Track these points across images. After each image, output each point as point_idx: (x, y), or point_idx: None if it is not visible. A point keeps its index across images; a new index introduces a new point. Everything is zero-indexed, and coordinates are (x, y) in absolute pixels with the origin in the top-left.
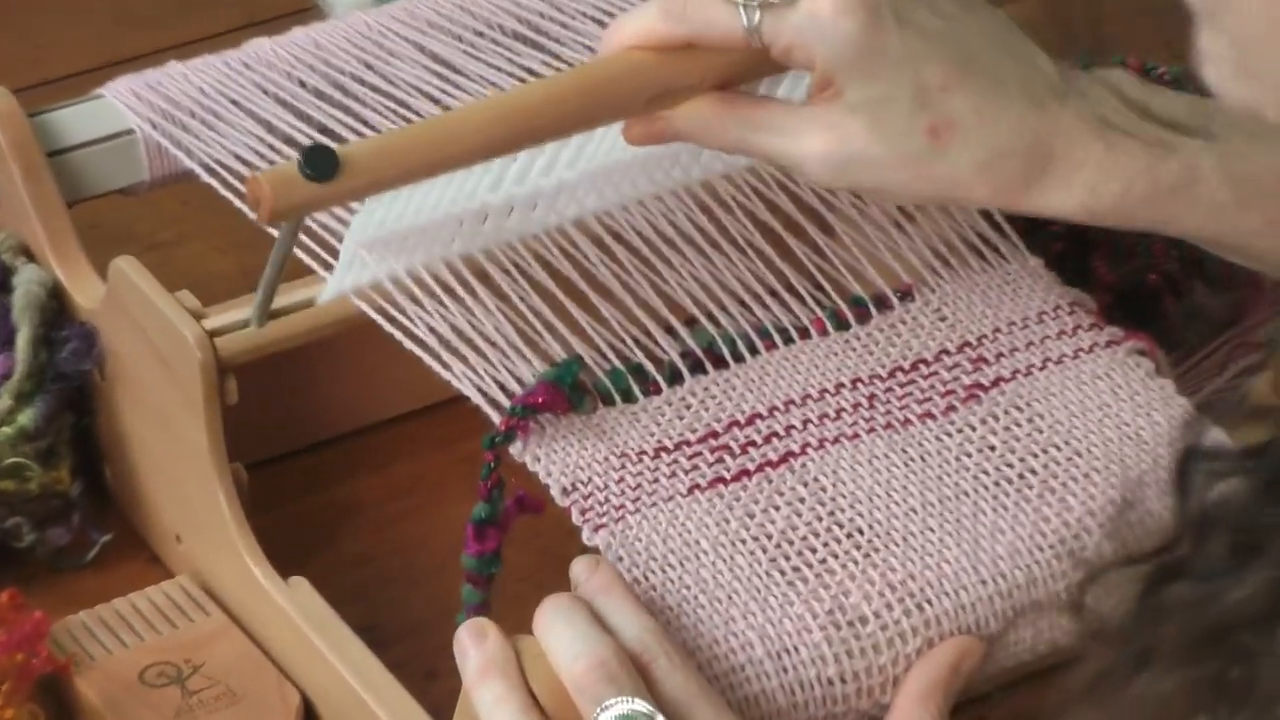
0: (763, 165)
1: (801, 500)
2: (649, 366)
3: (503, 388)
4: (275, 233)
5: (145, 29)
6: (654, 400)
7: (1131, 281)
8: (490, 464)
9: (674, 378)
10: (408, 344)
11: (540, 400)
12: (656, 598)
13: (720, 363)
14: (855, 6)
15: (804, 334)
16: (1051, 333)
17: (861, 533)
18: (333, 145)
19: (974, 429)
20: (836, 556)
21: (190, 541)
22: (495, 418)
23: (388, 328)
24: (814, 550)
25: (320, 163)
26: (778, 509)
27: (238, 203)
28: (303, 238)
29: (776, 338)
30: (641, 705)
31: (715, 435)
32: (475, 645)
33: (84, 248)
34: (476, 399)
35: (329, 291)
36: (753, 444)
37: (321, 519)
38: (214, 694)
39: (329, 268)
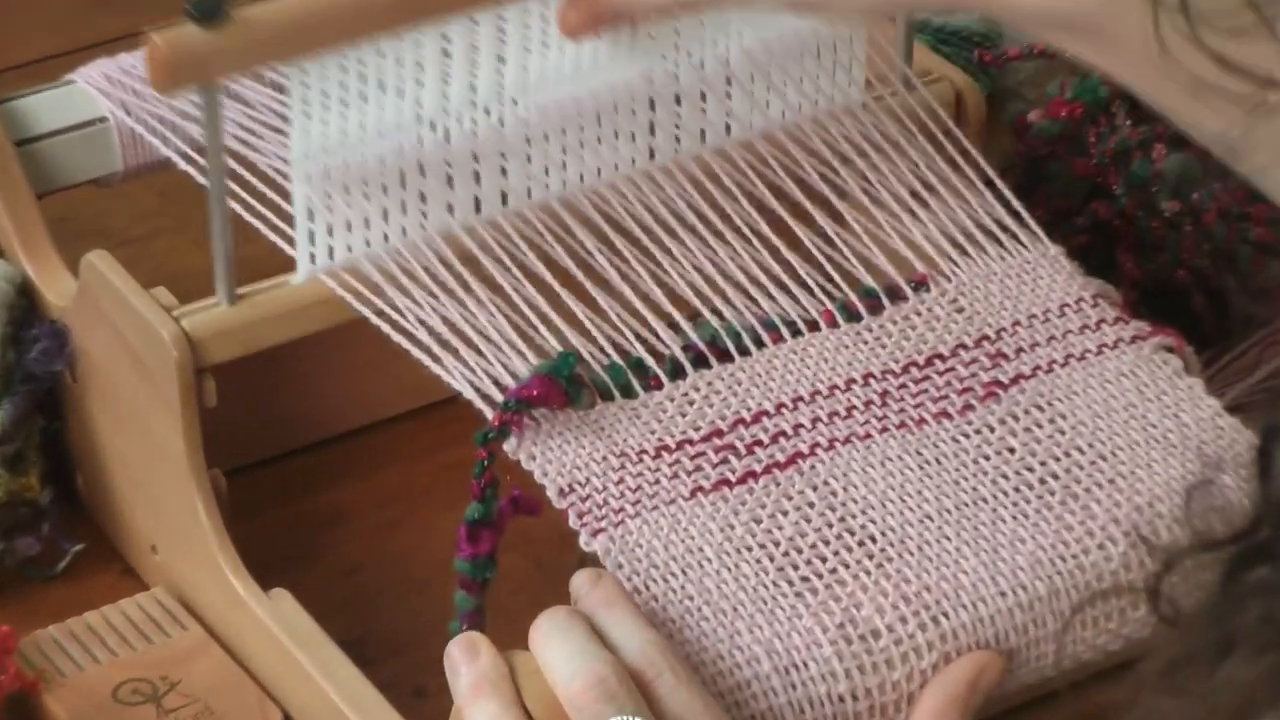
0: (764, 147)
1: (810, 505)
2: (649, 361)
3: (497, 383)
4: (256, 228)
5: (118, 11)
6: (655, 396)
7: (1159, 278)
8: (484, 461)
9: (676, 372)
10: (395, 337)
11: (535, 393)
12: (658, 608)
13: (725, 356)
14: None
15: (813, 326)
16: (1074, 327)
17: (874, 540)
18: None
19: (992, 430)
20: (847, 566)
21: (166, 552)
22: (490, 415)
23: (374, 319)
24: (824, 559)
25: (207, 6)
26: (785, 514)
27: None
28: (277, 221)
29: (784, 330)
30: None
31: (719, 434)
32: (467, 661)
33: (54, 242)
34: (470, 395)
35: (301, 262)
36: (759, 443)
37: (306, 527)
38: (191, 712)
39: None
